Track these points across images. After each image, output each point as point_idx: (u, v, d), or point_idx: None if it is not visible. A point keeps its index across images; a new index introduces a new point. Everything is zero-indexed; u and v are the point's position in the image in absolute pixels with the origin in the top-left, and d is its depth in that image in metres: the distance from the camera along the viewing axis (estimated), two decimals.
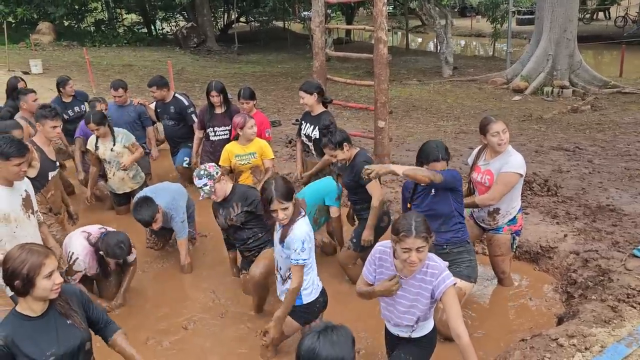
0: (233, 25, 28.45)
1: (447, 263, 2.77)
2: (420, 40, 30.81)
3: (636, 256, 4.14)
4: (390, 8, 27.98)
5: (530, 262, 4.74)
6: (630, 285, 3.67)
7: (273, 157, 5.13)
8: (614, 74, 14.83)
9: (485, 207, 4.04)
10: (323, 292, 3.44)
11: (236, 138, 5.09)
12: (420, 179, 3.35)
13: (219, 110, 5.95)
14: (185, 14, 26.15)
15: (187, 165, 6.45)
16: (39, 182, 4.22)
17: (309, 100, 5.04)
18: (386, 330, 3.08)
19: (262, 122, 5.61)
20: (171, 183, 5.19)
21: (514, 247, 4.25)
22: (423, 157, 3.62)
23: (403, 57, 20.37)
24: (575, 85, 12.53)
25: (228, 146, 5.14)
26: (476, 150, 4.18)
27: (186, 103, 6.48)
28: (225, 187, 4.04)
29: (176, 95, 6.55)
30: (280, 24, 30.29)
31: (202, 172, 3.97)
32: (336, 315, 3.48)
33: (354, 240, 4.27)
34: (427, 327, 2.90)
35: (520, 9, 27.51)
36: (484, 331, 3.87)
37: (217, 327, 4.06)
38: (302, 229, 3.19)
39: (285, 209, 3.13)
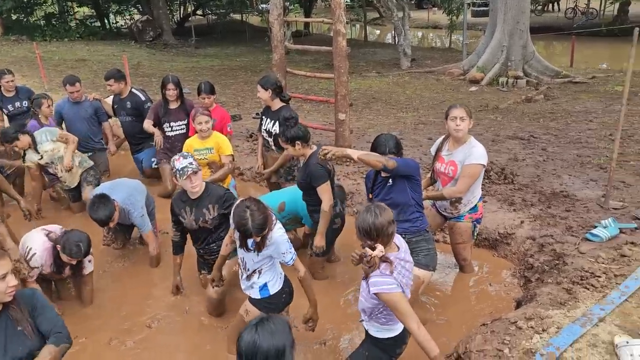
0: (190, 18, 27.96)
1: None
2: (378, 32, 31.03)
3: (589, 240, 4.31)
4: (348, 0, 28.06)
5: (489, 248, 4.88)
6: (583, 268, 3.82)
7: (231, 153, 5.02)
8: (565, 64, 15.30)
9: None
10: (287, 282, 3.44)
11: None
12: (373, 164, 3.41)
13: (173, 105, 5.87)
14: (140, 7, 25.51)
15: (156, 166, 6.35)
16: None
17: (263, 95, 5.02)
18: None
19: (223, 117, 5.56)
20: (129, 179, 5.09)
21: (475, 234, 4.36)
22: (374, 151, 3.69)
23: (362, 49, 20.48)
24: (529, 76, 12.86)
25: (189, 140, 5.09)
26: (439, 140, 4.26)
27: (143, 98, 6.35)
28: (201, 181, 3.92)
29: (133, 90, 6.42)
30: (238, 16, 29.96)
31: (186, 154, 3.87)
32: (303, 308, 3.50)
33: (313, 247, 4.27)
34: (385, 333, 2.86)
35: (474, 1, 28.04)
36: (447, 317, 3.96)
37: (181, 324, 4.02)
38: (279, 233, 3.18)
39: (263, 236, 3.07)
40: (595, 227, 4.46)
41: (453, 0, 19.66)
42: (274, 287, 3.34)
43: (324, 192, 4.01)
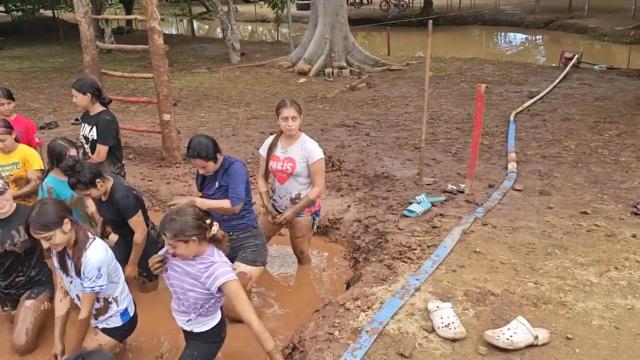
0: None
1: (225, 259, 2.78)
2: (207, 27, 30.49)
3: (406, 216, 4.71)
4: None
5: (321, 235, 5.08)
6: (402, 243, 4.16)
7: (40, 166, 4.50)
8: (383, 53, 16.48)
9: (289, 195, 4.13)
10: (133, 301, 3.33)
11: None
12: (225, 212, 3.58)
13: None
14: None
15: None
16: None
17: (82, 101, 4.59)
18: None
19: (28, 126, 5.02)
20: None
21: (315, 227, 4.43)
22: (189, 153, 3.54)
23: (190, 45, 19.94)
24: (352, 65, 13.62)
25: None
26: (269, 140, 4.20)
27: None
28: (11, 201, 3.59)
29: None
30: (49, 12, 27.32)
31: None
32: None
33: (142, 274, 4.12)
34: (210, 322, 2.92)
35: None
36: (287, 308, 4.06)
37: None
38: (98, 253, 2.93)
39: (48, 238, 2.83)
40: (411, 203, 4.89)
41: None
42: (131, 310, 3.28)
43: (137, 224, 3.78)
